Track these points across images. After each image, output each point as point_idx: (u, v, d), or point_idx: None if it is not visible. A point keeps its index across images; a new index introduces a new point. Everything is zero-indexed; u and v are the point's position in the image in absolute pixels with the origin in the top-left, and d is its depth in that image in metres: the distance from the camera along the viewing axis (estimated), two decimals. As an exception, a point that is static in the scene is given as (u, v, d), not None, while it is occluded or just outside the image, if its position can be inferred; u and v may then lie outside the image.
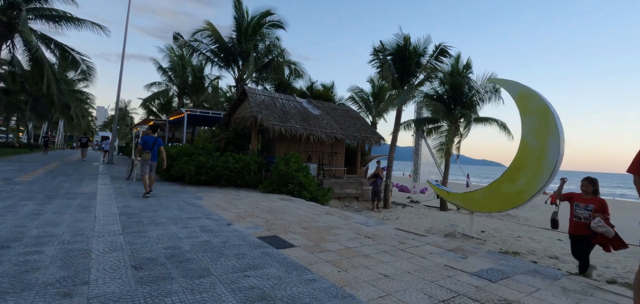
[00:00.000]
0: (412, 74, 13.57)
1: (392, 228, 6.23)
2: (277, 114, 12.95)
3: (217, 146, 12.89)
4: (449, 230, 8.19)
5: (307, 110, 14.65)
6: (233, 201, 8.30)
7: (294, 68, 18.40)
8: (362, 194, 14.05)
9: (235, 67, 17.86)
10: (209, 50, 17.36)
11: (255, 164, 11.27)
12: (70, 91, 37.96)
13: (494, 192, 7.17)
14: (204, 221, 5.64)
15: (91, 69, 18.91)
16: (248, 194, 9.70)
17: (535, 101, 6.81)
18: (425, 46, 13.27)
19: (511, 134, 16.72)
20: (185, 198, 8.13)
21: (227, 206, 7.45)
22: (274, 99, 14.16)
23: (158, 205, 6.93)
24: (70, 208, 6.02)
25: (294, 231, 5.38)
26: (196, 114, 16.75)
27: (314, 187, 10.85)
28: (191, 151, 11.80)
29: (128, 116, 69.97)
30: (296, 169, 10.75)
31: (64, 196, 7.38)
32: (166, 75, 28.37)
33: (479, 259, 4.38)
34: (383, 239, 5.25)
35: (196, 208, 6.85)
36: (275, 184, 10.61)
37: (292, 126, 12.52)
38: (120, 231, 4.64)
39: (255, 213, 6.72)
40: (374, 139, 15.14)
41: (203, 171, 11.02)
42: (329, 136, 13.34)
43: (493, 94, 15.01)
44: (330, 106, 16.52)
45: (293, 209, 7.48)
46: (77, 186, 9.25)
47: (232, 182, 11.19)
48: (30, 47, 15.00)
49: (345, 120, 15.45)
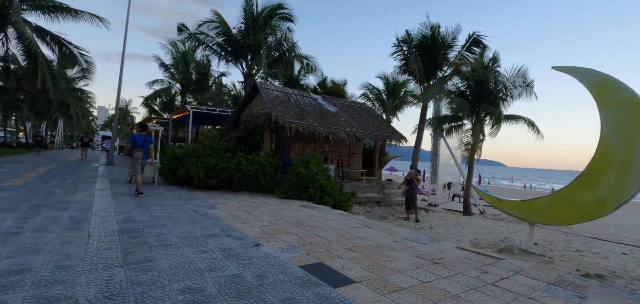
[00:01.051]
0: (439, 67, 12.42)
1: (453, 246, 5.09)
2: (293, 111, 11.82)
3: (226, 146, 11.76)
4: (504, 244, 7.04)
5: (323, 107, 13.52)
6: (251, 209, 7.17)
7: (306, 63, 17.25)
8: (383, 198, 12.91)
9: (243, 62, 16.72)
10: (216, 44, 16.22)
11: (270, 167, 10.14)
12: (70, 90, 36.91)
13: (565, 202, 6.02)
14: (224, 240, 4.51)
15: (90, 64, 17.81)
16: (265, 201, 8.57)
17: (619, 91, 5.66)
18: (455, 36, 12.10)
19: (540, 133, 15.53)
20: (196, 207, 7.01)
21: (246, 217, 6.32)
22: (288, 95, 13.03)
23: (166, 217, 5.80)
24: (58, 224, 4.88)
25: (339, 254, 4.25)
26: (202, 111, 15.63)
27: (337, 192, 9.73)
28: (199, 151, 10.68)
29: (129, 115, 68.95)
30: (317, 171, 9.63)
31: (53, 206, 6.24)
32: (168, 72, 27.28)
33: (601, 300, 3.23)
34: (454, 264, 4.11)
35: (211, 221, 5.72)
36: (294, 188, 9.48)
37: (310, 123, 11.39)
38: (119, 260, 3.51)
39: (283, 227, 5.60)
40: (395, 138, 13.99)
41: (213, 174, 9.89)
42: (349, 135, 12.21)
43: (524, 90, 13.82)
44: (346, 103, 15.38)
45: (323, 221, 6.35)
46: (71, 192, 8.12)
47: (245, 187, 10.06)
48: (23, 39, 13.88)
49: (363, 118, 14.32)
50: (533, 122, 15.56)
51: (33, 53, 13.88)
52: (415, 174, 11.65)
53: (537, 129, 15.61)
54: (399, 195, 13.66)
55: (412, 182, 11.36)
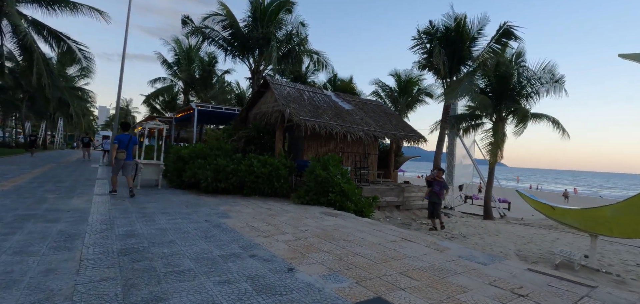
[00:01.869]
0: (464, 62, 11.54)
1: (522, 268, 4.21)
2: (307, 108, 10.96)
3: (234, 146, 10.89)
4: (560, 259, 6.15)
5: (337, 104, 12.65)
6: (269, 218, 6.30)
7: (316, 58, 16.38)
8: (403, 202, 12.03)
9: (250, 58, 15.86)
10: (221, 38, 15.36)
11: (284, 169, 9.28)
12: (70, 88, 36.13)
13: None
14: (249, 263, 3.64)
15: (89, 61, 16.98)
16: (282, 207, 7.70)
17: None
18: (481, 27, 11.21)
19: (566, 132, 14.65)
20: (207, 216, 6.15)
21: (266, 228, 5.45)
22: (300, 91, 12.17)
23: (174, 229, 4.94)
24: (45, 241, 4.02)
25: (395, 281, 3.38)
26: (207, 109, 14.78)
27: (358, 196, 8.87)
28: (206, 152, 9.83)
29: (130, 115, 68.23)
30: (336, 174, 8.76)
31: (43, 216, 5.38)
32: (171, 69, 26.42)
33: None
34: (542, 296, 3.25)
35: (227, 234, 4.86)
36: (312, 193, 8.62)
37: (326, 122, 10.52)
38: (119, 299, 2.64)
39: (312, 242, 4.73)
40: (413, 138, 13.11)
41: (222, 177, 9.03)
42: (367, 134, 11.34)
43: (552, 86, 12.93)
44: (360, 101, 14.51)
45: (355, 233, 5.48)
46: (66, 197, 7.27)
47: (256, 191, 9.20)
48: (18, 32, 13.04)
49: (379, 116, 13.44)
50: (557, 121, 14.68)
51: (28, 47, 13.04)
52: (438, 174, 10.12)
53: (563, 128, 14.73)
54: (418, 198, 12.79)
55: (435, 184, 9.84)
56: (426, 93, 20.17)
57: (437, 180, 9.87)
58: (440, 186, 9.73)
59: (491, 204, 14.92)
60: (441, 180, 9.85)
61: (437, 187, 9.75)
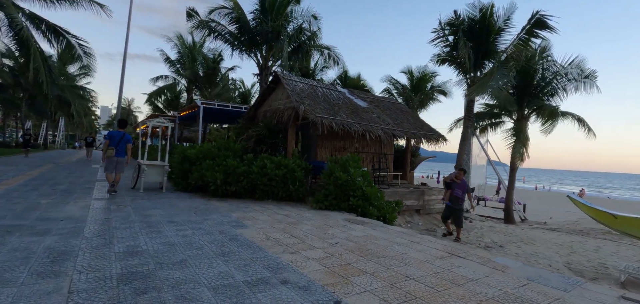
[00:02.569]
0: (489, 55, 10.75)
1: (615, 294, 3.44)
2: (322, 105, 10.20)
3: (244, 145, 10.13)
4: (625, 275, 5.36)
5: (352, 101, 11.89)
6: (289, 228, 5.55)
7: (328, 54, 15.60)
8: (423, 206, 11.26)
9: (258, 53, 15.09)
10: (228, 33, 14.60)
11: (300, 171, 8.51)
12: (71, 87, 35.51)
13: None
14: (283, 293, 2.88)
15: (89, 57, 16.24)
16: (300, 213, 6.94)
17: None
18: (508, 17, 10.40)
19: (592, 131, 13.83)
20: (219, 224, 5.39)
21: (290, 241, 4.69)
22: (313, 87, 11.41)
23: (184, 244, 4.18)
24: (27, 264, 3.27)
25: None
26: (213, 107, 14.00)
27: (381, 201, 8.10)
28: (214, 152, 9.07)
29: (131, 114, 67.73)
30: (358, 176, 8.00)
31: (31, 227, 4.64)
32: (174, 67, 25.69)
33: None
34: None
35: (247, 250, 4.10)
36: (331, 197, 7.85)
37: (343, 119, 9.76)
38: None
39: (348, 260, 3.98)
40: (432, 137, 12.32)
41: (232, 180, 8.28)
42: (387, 133, 10.57)
43: (581, 82, 12.11)
44: (375, 98, 13.74)
45: (393, 246, 4.72)
46: (61, 203, 6.52)
47: (269, 194, 8.44)
48: (14, 26, 12.32)
49: (396, 114, 12.67)
50: (582, 119, 13.86)
51: (25, 41, 12.32)
52: (458, 174, 8.37)
53: (588, 127, 13.92)
54: (438, 201, 12.00)
55: (455, 186, 8.21)
56: (440, 91, 19.38)
57: (456, 181, 8.27)
58: (462, 190, 8.15)
59: (512, 207, 14.11)
60: (462, 182, 8.19)
61: (459, 192, 8.15)
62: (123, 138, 7.82)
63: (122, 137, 7.80)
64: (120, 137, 7.79)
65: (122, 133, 7.91)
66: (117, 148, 7.66)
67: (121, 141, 7.77)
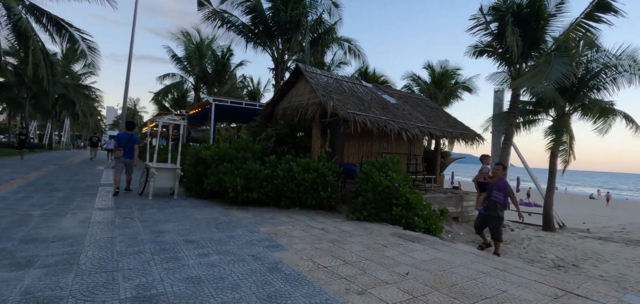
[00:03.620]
0: (537, 45, 9.58)
1: None
2: (352, 100, 9.09)
3: (262, 146, 9.02)
4: None
5: (380, 97, 10.77)
6: (335, 248, 4.46)
7: (348, 47, 14.47)
8: (462, 213, 10.11)
9: (274, 46, 14.01)
10: (241, 24, 13.52)
11: (332, 175, 7.40)
12: (76, 86, 34.75)
13: None
14: None
15: (93, 52, 15.28)
16: (337, 226, 5.84)
17: None
18: (562, 0, 9.19)
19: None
20: (250, 246, 4.30)
21: (348, 271, 3.60)
22: (339, 81, 10.31)
23: (213, 278, 3.10)
24: (-10, 323, 2.20)
25: None
26: (226, 104, 12.98)
27: (429, 210, 6.99)
28: (232, 154, 8.00)
29: (137, 114, 67.26)
30: (400, 182, 6.88)
31: (10, 255, 3.57)
32: (181, 64, 24.73)
33: None
34: None
35: (299, 289, 3.01)
36: (370, 206, 6.74)
37: (377, 116, 8.64)
38: None
39: (437, 302, 2.87)
40: (468, 137, 11.16)
41: (254, 185, 7.21)
42: (423, 132, 9.45)
43: (635, 74, 10.84)
44: (403, 94, 12.61)
45: (481, 278, 3.61)
46: (57, 215, 5.47)
47: (296, 202, 7.35)
48: (12, 16, 11.36)
49: (428, 111, 11.53)
50: (629, 116, 12.60)
51: (23, 33, 11.36)
52: (496, 170, 6.25)
53: (637, 125, 12.64)
54: (476, 208, 10.84)
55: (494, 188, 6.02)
56: (464, 87, 18.15)
57: (491, 180, 6.28)
58: (503, 192, 5.90)
59: (552, 213, 12.89)
60: (501, 181, 6.04)
61: (499, 195, 5.87)
62: (130, 139, 7.91)
63: (129, 139, 7.90)
64: (128, 138, 7.89)
65: (130, 134, 8.01)
66: (125, 149, 7.80)
67: (129, 142, 7.87)
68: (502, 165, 6.51)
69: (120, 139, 7.93)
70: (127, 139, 7.90)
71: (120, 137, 8.03)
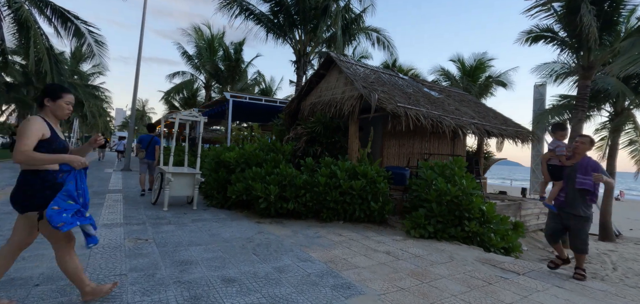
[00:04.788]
0: (611, 28, 8.22)
1: None
2: (397, 93, 7.82)
3: (291, 147, 7.77)
4: None
5: (422, 90, 9.49)
6: (423, 286, 3.20)
7: (376, 37, 13.16)
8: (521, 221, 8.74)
9: (292, 39, 12.80)
10: (260, 13, 12.33)
11: (383, 181, 6.13)
12: (84, 86, 34.06)
13: None
14: None
15: (101, 46, 14.25)
16: (402, 248, 4.57)
17: None
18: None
19: None
20: (311, 286, 3.06)
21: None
22: (376, 72, 9.07)
23: None
24: None
25: None
26: (244, 101, 11.80)
27: (506, 225, 5.70)
28: (261, 156, 6.80)
29: (146, 115, 66.94)
30: (472, 190, 5.59)
31: (-28, 309, 2.38)
32: (191, 62, 23.72)
33: None
34: None
35: None
36: (435, 219, 5.46)
37: (430, 111, 7.36)
38: None
39: None
40: (519, 136, 9.80)
41: (289, 194, 5.98)
42: (480, 130, 8.14)
43: None
44: (443, 88, 11.32)
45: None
46: (53, 235, 4.30)
47: (341, 214, 6.10)
48: (11, 4, 10.33)
49: (474, 107, 10.21)
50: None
51: (23, 22, 10.33)
52: (577, 147, 3.97)
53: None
54: (534, 216, 9.48)
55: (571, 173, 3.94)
56: (498, 81, 16.69)
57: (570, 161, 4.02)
58: (588, 177, 3.75)
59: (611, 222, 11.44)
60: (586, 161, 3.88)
61: (588, 180, 3.75)
62: (152, 141, 8.13)
63: (151, 140, 8.12)
64: (149, 140, 8.12)
65: (151, 136, 8.22)
66: (147, 151, 8.01)
67: (150, 144, 8.09)
68: (589, 138, 4.10)
69: (142, 141, 8.17)
70: (149, 140, 8.11)
71: (142, 139, 8.26)
